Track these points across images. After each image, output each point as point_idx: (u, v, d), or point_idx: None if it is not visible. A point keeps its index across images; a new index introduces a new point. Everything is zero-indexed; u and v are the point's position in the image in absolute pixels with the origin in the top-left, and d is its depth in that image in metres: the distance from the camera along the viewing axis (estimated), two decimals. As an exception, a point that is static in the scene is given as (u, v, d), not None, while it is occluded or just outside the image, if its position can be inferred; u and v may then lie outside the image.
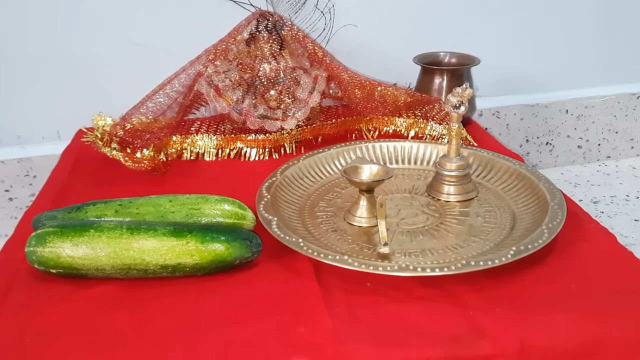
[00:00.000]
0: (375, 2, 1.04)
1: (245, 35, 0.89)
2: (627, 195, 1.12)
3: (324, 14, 1.01)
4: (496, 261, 0.57)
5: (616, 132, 1.23)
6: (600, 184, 1.16)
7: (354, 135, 0.92)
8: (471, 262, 0.57)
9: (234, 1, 0.95)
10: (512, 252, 0.58)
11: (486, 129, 1.13)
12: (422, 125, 0.91)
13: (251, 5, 0.96)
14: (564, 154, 1.23)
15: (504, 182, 0.75)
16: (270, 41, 0.89)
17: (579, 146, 1.23)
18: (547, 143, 1.21)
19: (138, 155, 0.79)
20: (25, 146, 1.00)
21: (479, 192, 0.74)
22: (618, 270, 0.59)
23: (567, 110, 1.19)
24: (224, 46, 0.88)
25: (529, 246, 0.59)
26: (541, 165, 1.23)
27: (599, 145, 1.23)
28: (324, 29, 1.01)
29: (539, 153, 1.21)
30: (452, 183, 0.73)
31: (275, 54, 0.89)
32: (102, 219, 0.63)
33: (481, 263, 0.57)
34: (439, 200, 0.73)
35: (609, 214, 1.06)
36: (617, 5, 1.15)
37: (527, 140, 1.19)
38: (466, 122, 0.96)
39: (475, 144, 0.87)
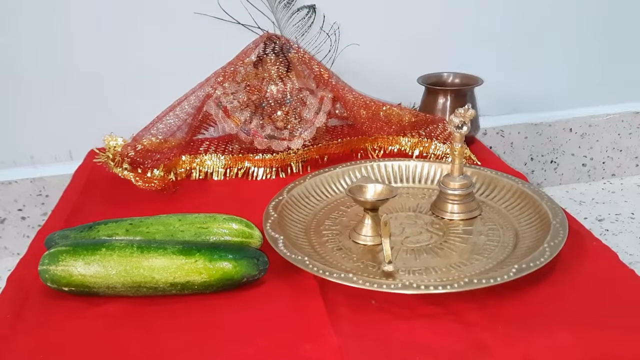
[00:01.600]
0: (380, 24, 1.06)
1: (253, 57, 0.91)
2: (632, 213, 1.12)
3: (329, 36, 1.03)
4: (499, 279, 0.58)
5: (620, 150, 1.24)
6: (605, 201, 1.17)
7: (359, 154, 0.94)
8: (474, 279, 0.58)
9: (243, 24, 0.98)
10: (514, 270, 0.59)
11: (490, 147, 1.14)
12: (427, 145, 0.92)
13: (259, 28, 0.98)
14: (569, 172, 1.24)
15: (507, 200, 0.77)
16: (278, 63, 0.91)
17: (583, 164, 1.24)
18: (551, 161, 1.22)
19: (148, 175, 0.81)
20: (38, 166, 1.02)
21: (482, 211, 0.75)
22: (620, 288, 0.60)
23: (571, 129, 1.20)
24: (232, 68, 0.90)
25: (531, 264, 0.60)
26: (546, 183, 1.23)
27: (603, 163, 1.24)
28: (330, 50, 1.03)
29: (544, 171, 1.22)
30: (455, 202, 0.74)
31: (282, 76, 0.91)
32: (113, 237, 0.64)
33: (484, 281, 0.58)
34: (443, 218, 0.74)
35: (613, 231, 1.06)
36: (620, 25, 1.17)
37: (532, 159, 1.21)
38: (470, 141, 0.97)
39: (479, 163, 0.89)
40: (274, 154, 0.89)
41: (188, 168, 0.89)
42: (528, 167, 1.21)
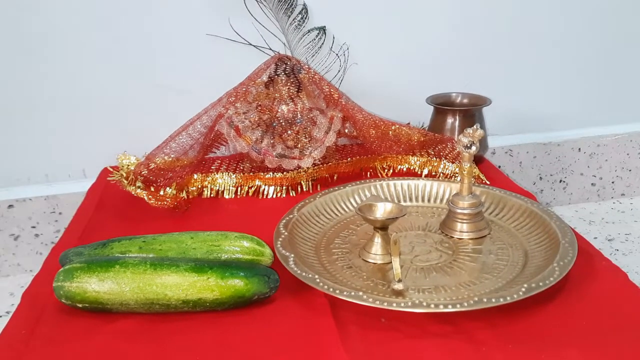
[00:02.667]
0: (389, 44, 1.07)
1: (265, 78, 0.93)
2: (642, 233, 1.12)
3: (338, 56, 1.05)
4: (508, 298, 0.58)
5: (630, 170, 1.24)
6: (615, 221, 1.17)
7: (368, 173, 0.95)
8: (484, 298, 0.58)
9: (254, 46, 1.00)
10: (524, 289, 0.59)
11: (499, 167, 1.15)
12: (435, 164, 0.93)
13: (270, 49, 1.00)
14: (578, 191, 1.24)
15: (516, 220, 0.77)
16: (289, 84, 0.92)
17: (592, 184, 1.24)
18: (560, 181, 1.22)
19: (161, 193, 0.83)
20: (53, 184, 1.04)
21: (491, 230, 0.76)
22: (629, 308, 0.60)
23: (579, 149, 1.20)
24: (244, 89, 0.92)
25: (541, 284, 0.60)
26: (555, 202, 1.23)
27: (612, 183, 1.24)
28: (339, 71, 1.05)
29: (553, 190, 1.22)
30: (464, 221, 0.74)
31: (292, 96, 0.93)
32: (127, 255, 0.65)
33: (493, 300, 0.58)
34: (452, 237, 0.74)
35: (623, 251, 1.06)
36: (628, 45, 1.18)
37: (541, 178, 1.21)
38: (479, 160, 0.98)
39: (488, 182, 0.89)
40: (285, 173, 0.90)
41: (200, 186, 0.90)
42: (537, 187, 1.21)
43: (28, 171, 1.03)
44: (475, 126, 0.73)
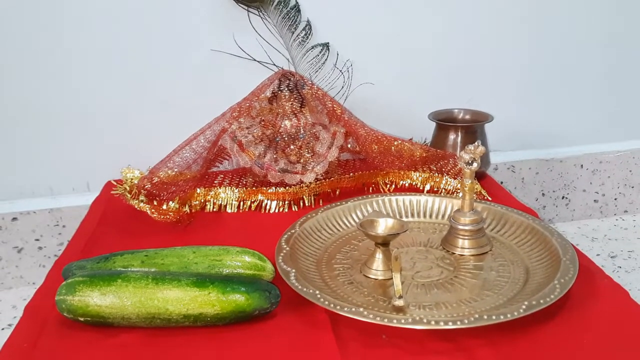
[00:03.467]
0: (392, 61, 1.08)
1: (268, 93, 0.94)
2: (645, 250, 1.12)
3: (342, 73, 1.06)
4: (509, 315, 0.58)
5: (632, 187, 1.24)
6: (617, 238, 1.17)
7: (370, 188, 0.95)
8: (484, 316, 0.58)
9: (258, 61, 1.01)
10: (524, 306, 0.59)
11: (502, 182, 1.15)
12: (437, 180, 0.93)
13: (274, 65, 1.01)
14: (581, 207, 1.24)
15: (518, 236, 0.77)
16: (292, 99, 0.93)
17: (595, 200, 1.24)
18: (563, 197, 1.22)
19: (164, 207, 0.83)
20: (57, 197, 1.05)
21: (493, 246, 0.76)
22: (630, 327, 0.60)
23: (582, 165, 1.20)
24: (247, 104, 0.92)
25: (541, 301, 0.60)
26: (558, 219, 1.23)
27: (615, 199, 1.24)
28: (343, 87, 1.06)
29: (555, 207, 1.22)
30: (466, 237, 0.74)
31: (295, 112, 0.94)
32: (129, 269, 0.66)
33: (494, 317, 0.58)
34: (454, 253, 0.74)
35: (626, 268, 1.06)
36: (630, 62, 1.18)
37: (543, 194, 1.21)
38: (481, 176, 0.98)
39: (490, 198, 0.89)
40: (287, 188, 0.90)
41: (202, 200, 0.91)
42: (539, 203, 1.21)
43: (32, 184, 1.04)
44: (476, 143, 0.73)
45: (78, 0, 0.95)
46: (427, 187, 0.93)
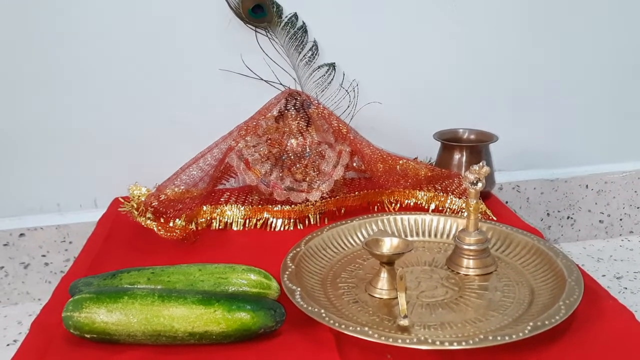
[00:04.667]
0: (397, 81, 1.09)
1: (275, 112, 0.95)
2: (651, 271, 1.11)
3: (348, 93, 1.07)
4: (514, 336, 0.58)
5: (638, 208, 1.24)
6: (623, 259, 1.16)
7: (376, 207, 0.96)
8: (489, 336, 0.58)
9: (265, 81, 1.02)
10: (529, 327, 0.59)
11: (506, 202, 1.15)
12: (442, 199, 0.93)
13: (281, 84, 1.02)
14: (586, 228, 1.24)
15: (523, 257, 0.77)
16: (298, 118, 0.94)
17: (600, 221, 1.24)
18: (568, 217, 1.22)
19: (170, 224, 0.84)
20: (64, 213, 1.06)
21: (498, 267, 0.76)
22: (636, 348, 0.60)
23: (587, 185, 1.20)
24: (254, 122, 0.93)
25: (546, 322, 0.60)
26: (563, 239, 1.23)
27: (620, 220, 1.24)
28: (349, 106, 1.07)
29: (561, 227, 1.22)
30: (471, 257, 0.75)
31: (302, 130, 0.94)
32: (136, 286, 0.66)
33: (499, 338, 0.58)
34: (459, 273, 0.75)
35: (632, 289, 1.05)
36: (635, 83, 1.19)
37: (548, 214, 1.21)
38: (486, 196, 0.99)
39: (495, 218, 0.90)
40: (293, 206, 0.91)
41: (209, 218, 0.91)
42: (545, 223, 1.21)
43: (40, 200, 1.05)
44: (481, 163, 0.74)
45: (90, 19, 0.97)
46: (432, 207, 0.94)
